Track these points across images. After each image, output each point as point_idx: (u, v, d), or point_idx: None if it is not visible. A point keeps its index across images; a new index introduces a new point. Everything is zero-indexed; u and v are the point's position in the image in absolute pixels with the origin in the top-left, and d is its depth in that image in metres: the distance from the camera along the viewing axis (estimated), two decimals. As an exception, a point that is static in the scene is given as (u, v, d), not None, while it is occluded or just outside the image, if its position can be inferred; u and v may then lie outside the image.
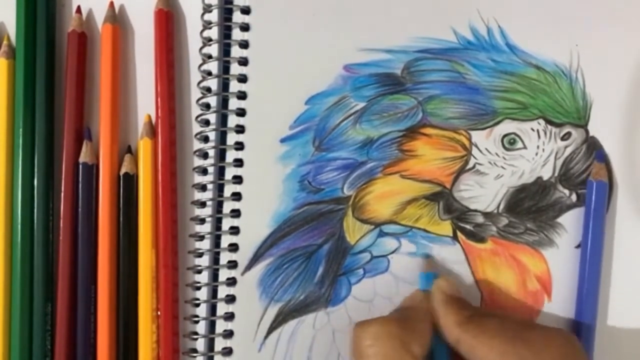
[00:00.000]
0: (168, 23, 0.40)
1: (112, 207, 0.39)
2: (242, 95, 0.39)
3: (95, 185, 0.40)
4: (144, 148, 0.40)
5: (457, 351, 0.34)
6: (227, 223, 0.39)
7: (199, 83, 0.40)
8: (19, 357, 0.39)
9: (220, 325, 0.39)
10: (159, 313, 0.39)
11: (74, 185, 0.39)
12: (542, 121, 0.38)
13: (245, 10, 0.39)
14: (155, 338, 0.39)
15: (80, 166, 0.39)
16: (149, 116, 0.40)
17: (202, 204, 0.40)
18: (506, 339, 0.33)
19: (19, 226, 0.39)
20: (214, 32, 0.39)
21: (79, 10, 0.41)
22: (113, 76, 0.40)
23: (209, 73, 0.40)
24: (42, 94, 0.39)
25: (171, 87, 0.40)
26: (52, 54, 0.40)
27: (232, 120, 0.39)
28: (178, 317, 0.40)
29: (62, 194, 0.39)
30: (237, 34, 0.39)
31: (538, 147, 0.38)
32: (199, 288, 0.40)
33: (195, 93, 0.40)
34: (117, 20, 0.40)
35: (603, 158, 0.37)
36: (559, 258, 0.38)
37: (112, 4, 0.40)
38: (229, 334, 0.39)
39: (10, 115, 0.40)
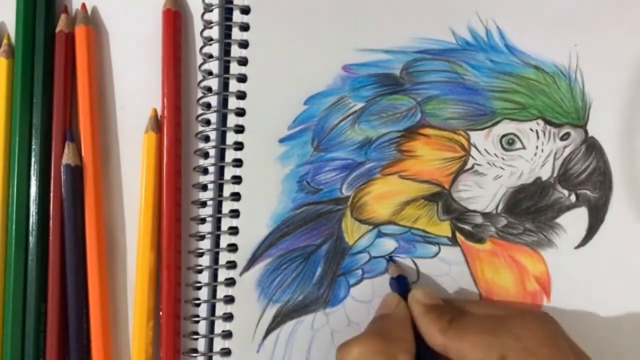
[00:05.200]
0: (175, 22, 0.40)
1: (98, 207, 0.40)
2: (241, 95, 0.39)
3: (81, 186, 0.40)
4: (148, 142, 0.40)
5: (447, 357, 0.34)
6: (226, 223, 0.39)
7: (199, 83, 0.40)
8: (10, 357, 0.39)
9: (219, 326, 0.39)
10: (161, 313, 0.39)
11: (62, 187, 0.39)
12: (541, 121, 0.38)
13: (245, 10, 0.39)
14: (150, 338, 0.39)
15: (63, 168, 0.39)
16: (155, 110, 0.40)
17: (203, 204, 0.40)
18: (488, 332, 0.33)
19: (14, 225, 0.39)
20: (214, 32, 0.40)
21: (65, 10, 0.41)
22: (90, 77, 0.40)
23: (210, 72, 0.40)
24: (39, 93, 0.40)
25: (177, 85, 0.40)
26: (51, 54, 0.40)
27: (232, 120, 0.39)
28: (180, 317, 0.40)
29: (52, 195, 0.39)
30: (236, 34, 0.39)
31: (537, 147, 0.38)
32: (199, 288, 0.40)
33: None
34: (91, 21, 0.41)
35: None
36: (558, 259, 0.38)
37: (83, 5, 0.41)
38: (227, 335, 0.39)
39: (9, 114, 0.40)
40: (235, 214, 0.39)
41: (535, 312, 0.34)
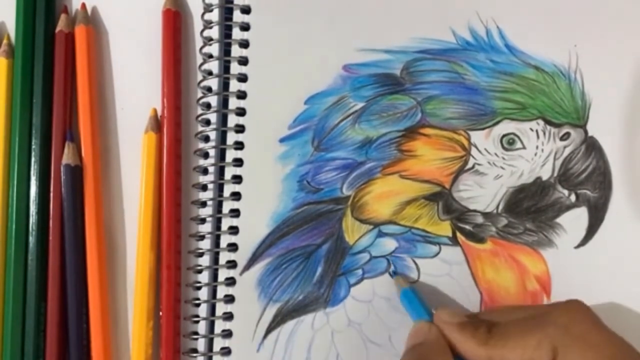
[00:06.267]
0: (175, 23, 0.40)
1: (98, 207, 0.40)
2: (241, 95, 0.39)
3: (81, 186, 0.40)
4: (148, 142, 0.40)
5: None
6: (226, 223, 0.39)
7: (199, 83, 0.40)
8: (9, 357, 0.39)
9: (219, 325, 0.39)
10: (160, 313, 0.39)
11: (62, 187, 0.39)
12: (541, 121, 0.38)
13: (246, 10, 0.39)
14: (150, 338, 0.39)
15: (63, 168, 0.39)
16: (155, 110, 0.40)
17: (203, 204, 0.40)
18: (532, 330, 0.32)
19: (14, 225, 0.39)
20: (214, 32, 0.40)
21: (65, 10, 0.41)
22: (90, 77, 0.40)
23: (210, 72, 0.40)
24: (39, 93, 0.40)
25: (177, 85, 0.40)
26: (51, 54, 0.40)
27: (232, 120, 0.39)
28: (180, 317, 0.40)
29: (52, 195, 0.39)
30: (237, 34, 0.39)
31: (537, 147, 0.38)
32: (199, 288, 0.39)
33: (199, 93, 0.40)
34: (91, 21, 0.41)
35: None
36: (558, 258, 0.38)
37: (83, 5, 0.41)
38: (228, 334, 0.39)
39: (9, 114, 0.40)
40: (235, 213, 0.39)
41: (573, 301, 0.34)
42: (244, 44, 0.39)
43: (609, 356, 0.31)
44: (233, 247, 0.39)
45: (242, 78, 0.39)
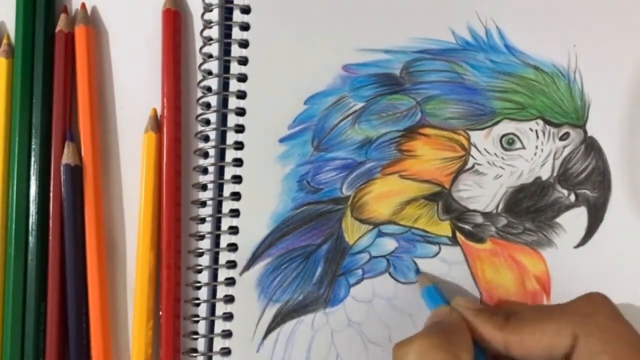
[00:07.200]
0: (175, 22, 0.40)
1: (98, 207, 0.40)
2: (241, 95, 0.39)
3: (81, 186, 0.40)
4: (148, 142, 0.40)
5: (508, 355, 0.33)
6: (226, 223, 0.39)
7: (199, 83, 0.40)
8: (9, 357, 0.39)
9: (219, 326, 0.39)
10: (160, 313, 0.39)
11: (62, 187, 0.39)
12: (540, 122, 0.38)
13: (246, 10, 0.39)
14: (150, 338, 0.39)
15: (63, 168, 0.39)
16: (155, 110, 0.40)
17: (203, 204, 0.40)
18: (552, 317, 0.32)
19: (14, 225, 0.39)
20: (214, 32, 0.40)
21: (65, 10, 0.41)
22: (90, 77, 0.40)
23: (210, 73, 0.40)
24: (39, 93, 0.40)
25: (177, 85, 0.40)
26: (51, 54, 0.40)
27: (232, 120, 0.39)
28: (180, 317, 0.40)
29: (52, 195, 0.39)
30: (237, 34, 0.39)
31: (537, 147, 0.38)
32: (199, 288, 0.39)
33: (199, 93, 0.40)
34: (91, 21, 0.41)
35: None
36: (558, 258, 0.38)
37: (83, 5, 0.41)
38: (228, 335, 0.39)
39: (9, 114, 0.40)
40: (235, 213, 0.39)
41: (596, 293, 0.34)
42: (244, 44, 0.39)
43: (631, 344, 0.31)
44: (233, 247, 0.39)
45: (242, 78, 0.39)
